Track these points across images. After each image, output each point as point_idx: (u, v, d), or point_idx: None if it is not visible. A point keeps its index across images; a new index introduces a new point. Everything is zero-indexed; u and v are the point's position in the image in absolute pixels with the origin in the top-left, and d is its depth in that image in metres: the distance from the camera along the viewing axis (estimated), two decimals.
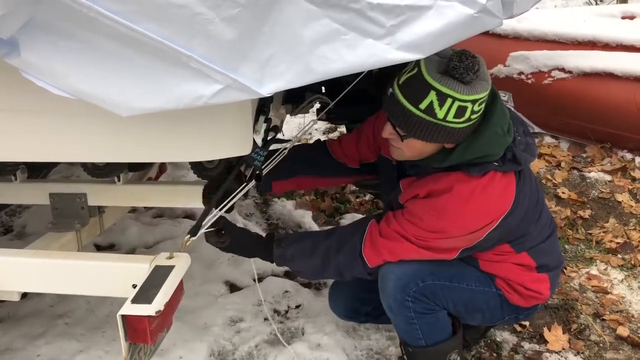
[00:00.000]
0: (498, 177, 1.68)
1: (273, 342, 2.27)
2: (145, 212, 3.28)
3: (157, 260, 1.63)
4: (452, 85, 1.51)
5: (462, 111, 1.54)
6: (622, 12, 4.72)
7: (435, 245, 1.74)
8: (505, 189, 1.69)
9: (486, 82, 1.56)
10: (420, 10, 1.16)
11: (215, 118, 1.56)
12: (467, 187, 1.66)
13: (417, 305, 1.83)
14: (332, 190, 3.59)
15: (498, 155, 1.66)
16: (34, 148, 1.67)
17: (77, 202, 2.01)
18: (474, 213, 1.68)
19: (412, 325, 1.86)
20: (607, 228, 3.09)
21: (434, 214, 1.69)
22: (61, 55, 1.15)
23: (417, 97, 1.55)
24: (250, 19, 1.12)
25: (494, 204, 1.69)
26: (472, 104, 1.54)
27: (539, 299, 1.93)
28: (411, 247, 1.74)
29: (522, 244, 1.85)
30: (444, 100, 1.52)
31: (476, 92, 1.53)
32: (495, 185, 1.68)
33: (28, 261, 1.73)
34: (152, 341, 1.46)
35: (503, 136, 1.66)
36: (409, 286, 1.80)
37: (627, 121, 3.64)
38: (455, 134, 1.59)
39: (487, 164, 1.66)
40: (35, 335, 2.26)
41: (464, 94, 1.52)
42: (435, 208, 1.69)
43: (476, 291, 1.89)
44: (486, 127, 1.63)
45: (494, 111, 1.64)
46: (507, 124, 1.68)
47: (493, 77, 4.21)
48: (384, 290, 1.86)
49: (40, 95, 1.21)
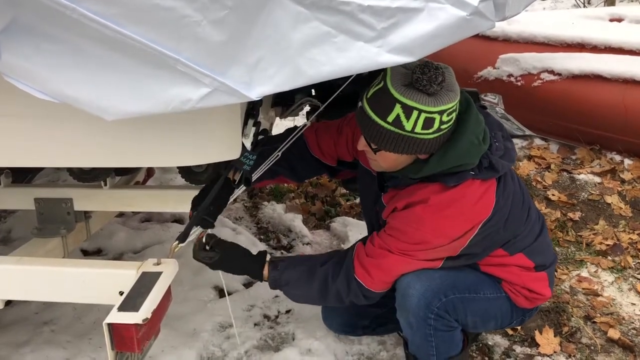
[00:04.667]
0: (476, 184, 1.67)
1: (263, 347, 2.25)
2: (132, 216, 3.24)
3: (145, 266, 1.61)
4: (417, 97, 1.50)
5: (430, 122, 1.54)
6: (610, 15, 4.76)
7: (420, 256, 1.74)
8: (483, 196, 1.69)
9: (453, 93, 1.56)
10: (412, 13, 1.15)
11: (204, 122, 1.54)
12: (444, 197, 1.66)
13: (439, 322, 1.81)
14: (322, 193, 3.57)
15: (474, 163, 1.65)
16: (18, 153, 1.64)
17: (63, 207, 1.98)
18: (453, 221, 1.67)
19: (429, 342, 1.84)
20: (597, 230, 3.10)
21: (413, 226, 1.69)
22: (44, 59, 1.13)
23: (384, 111, 1.55)
24: (238, 21, 1.10)
25: (472, 211, 1.68)
26: (439, 115, 1.54)
27: (542, 299, 1.95)
28: (397, 260, 1.75)
29: (514, 246, 1.84)
30: (409, 112, 1.52)
31: (442, 104, 1.53)
32: (473, 192, 1.67)
33: (12, 268, 1.70)
34: (140, 349, 1.44)
35: (478, 145, 1.65)
36: (432, 303, 1.79)
37: (615, 123, 3.66)
38: (427, 145, 1.59)
39: (463, 172, 1.65)
40: (20, 343, 2.22)
41: (429, 106, 1.51)
42: (414, 219, 1.69)
43: (491, 299, 1.88)
44: (460, 136, 1.62)
45: (467, 120, 1.64)
46: (482, 132, 1.67)
47: (483, 79, 4.22)
48: (404, 307, 1.84)
49: (24, 100, 1.18)
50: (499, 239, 1.80)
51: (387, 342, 2.25)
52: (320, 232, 3.18)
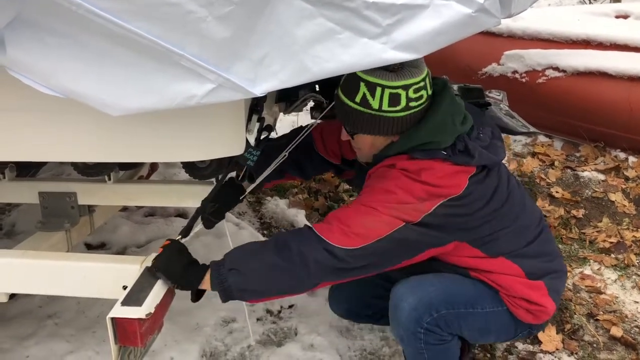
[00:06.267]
0: (446, 165, 1.62)
1: (266, 342, 2.26)
2: (136, 210, 3.25)
3: (148, 261, 1.61)
4: (378, 74, 1.55)
5: (395, 99, 1.57)
6: (616, 11, 4.72)
7: (382, 209, 1.60)
8: (454, 175, 1.63)
9: (417, 69, 1.58)
10: (417, 9, 1.15)
11: (208, 118, 1.54)
12: (412, 164, 1.64)
13: (430, 337, 1.77)
14: (325, 189, 3.57)
15: (446, 142, 1.62)
16: (23, 147, 1.64)
17: (66, 201, 1.98)
18: (419, 184, 1.61)
19: (421, 354, 1.80)
20: (600, 227, 3.09)
21: (378, 182, 1.67)
22: (50, 54, 1.13)
23: (352, 92, 1.60)
24: (243, 17, 1.10)
25: (440, 181, 1.61)
26: (404, 90, 1.56)
27: (545, 312, 1.82)
28: (357, 209, 1.63)
29: (492, 248, 1.75)
30: (373, 90, 1.56)
31: (405, 78, 1.56)
32: (442, 168, 1.62)
33: (16, 262, 1.71)
34: (143, 344, 1.44)
35: (452, 125, 1.63)
36: (422, 318, 1.75)
37: (620, 120, 3.64)
38: (397, 123, 1.61)
39: (433, 150, 1.62)
40: (24, 336, 2.23)
41: (391, 81, 1.55)
42: (380, 177, 1.68)
43: (490, 313, 1.81)
44: (433, 113, 1.63)
45: (441, 100, 1.64)
46: (461, 115, 1.66)
47: (487, 75, 4.20)
48: (395, 320, 1.81)
49: (29, 94, 1.19)
50: (469, 230, 1.70)
51: (390, 337, 2.25)
52: None
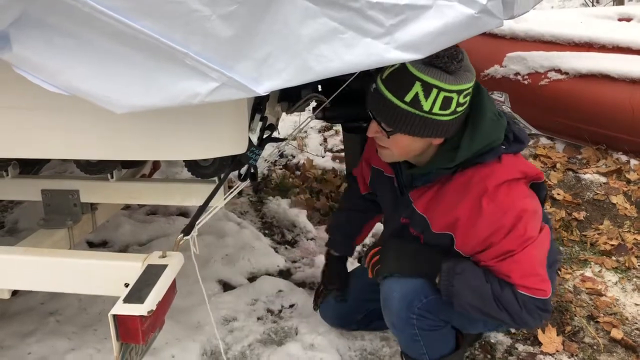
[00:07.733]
0: (509, 156, 1.67)
1: (266, 341, 2.26)
2: (138, 209, 3.26)
3: (150, 259, 1.61)
4: (437, 75, 1.48)
5: (448, 102, 1.51)
6: (619, 14, 4.73)
7: (531, 232, 1.62)
8: (525, 161, 1.73)
9: (470, 74, 1.54)
10: (420, 10, 1.15)
11: (211, 116, 1.54)
12: (493, 170, 1.64)
13: (422, 322, 1.78)
14: (327, 189, 3.57)
15: (501, 138, 1.65)
16: (25, 145, 1.65)
17: (69, 199, 1.98)
18: (521, 182, 1.68)
19: (417, 342, 1.82)
20: (601, 230, 3.09)
21: (500, 214, 1.60)
22: (55, 51, 1.13)
23: (402, 90, 1.51)
24: (247, 16, 1.10)
25: (526, 166, 1.71)
26: (457, 95, 1.52)
27: None
28: (525, 251, 1.62)
29: None
30: (429, 90, 1.49)
31: (461, 82, 1.51)
32: (514, 160, 1.68)
33: (19, 259, 1.71)
34: (144, 341, 1.44)
35: (497, 120, 1.65)
36: (413, 303, 1.76)
37: (622, 123, 3.64)
38: (442, 127, 1.56)
39: (495, 149, 1.64)
40: (26, 333, 2.24)
41: (449, 84, 1.49)
42: (498, 208, 1.60)
43: None
44: (481, 115, 1.61)
45: (481, 99, 1.63)
46: (496, 109, 1.68)
47: (489, 77, 4.21)
48: (387, 309, 1.83)
49: (33, 92, 1.19)
50: None
51: (390, 338, 2.25)
52: (324, 227, 3.17)
